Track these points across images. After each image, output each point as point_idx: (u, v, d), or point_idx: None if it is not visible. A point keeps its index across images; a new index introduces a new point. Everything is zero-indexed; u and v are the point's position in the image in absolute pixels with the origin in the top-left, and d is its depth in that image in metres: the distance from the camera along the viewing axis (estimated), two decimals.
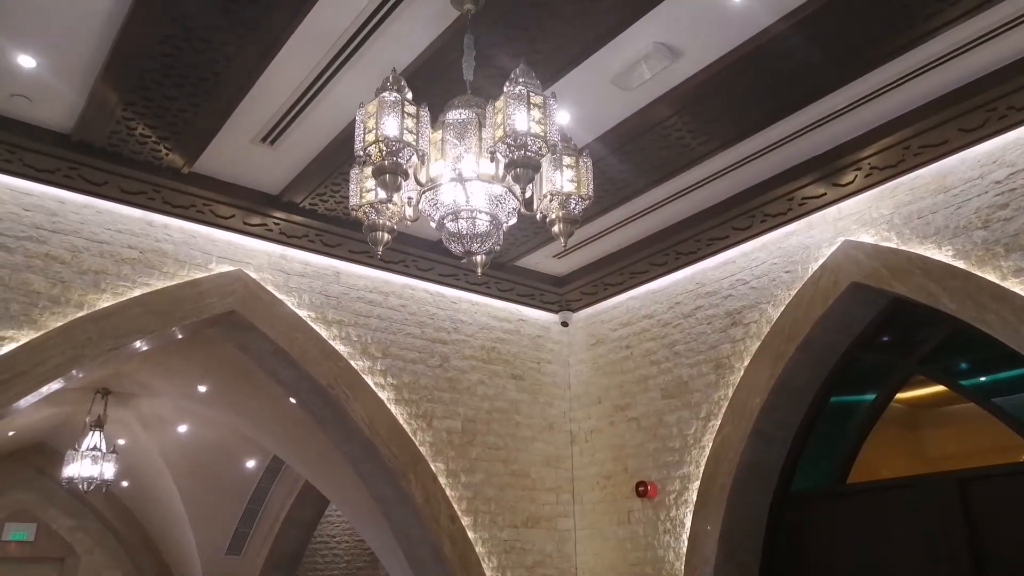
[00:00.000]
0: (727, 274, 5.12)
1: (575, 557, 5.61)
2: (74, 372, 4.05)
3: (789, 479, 4.92)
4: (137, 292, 4.35)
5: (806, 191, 4.65)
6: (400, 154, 2.47)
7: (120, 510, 10.29)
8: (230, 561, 9.35)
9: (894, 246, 4.25)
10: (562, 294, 6.10)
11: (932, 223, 4.13)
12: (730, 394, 4.88)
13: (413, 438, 5.09)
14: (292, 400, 5.71)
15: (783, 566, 4.82)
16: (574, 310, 6.14)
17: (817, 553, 4.69)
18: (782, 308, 4.72)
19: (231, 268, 4.71)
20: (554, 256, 5.73)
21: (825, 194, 4.59)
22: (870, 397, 4.76)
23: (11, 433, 8.32)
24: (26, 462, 9.69)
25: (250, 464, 8.85)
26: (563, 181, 2.73)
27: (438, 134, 2.67)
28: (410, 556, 5.26)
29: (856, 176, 4.43)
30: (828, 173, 4.52)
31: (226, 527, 9.24)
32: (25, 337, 3.94)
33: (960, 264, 3.96)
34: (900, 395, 4.71)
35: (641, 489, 5.18)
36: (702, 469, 4.90)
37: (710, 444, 4.90)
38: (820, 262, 4.57)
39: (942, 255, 4.04)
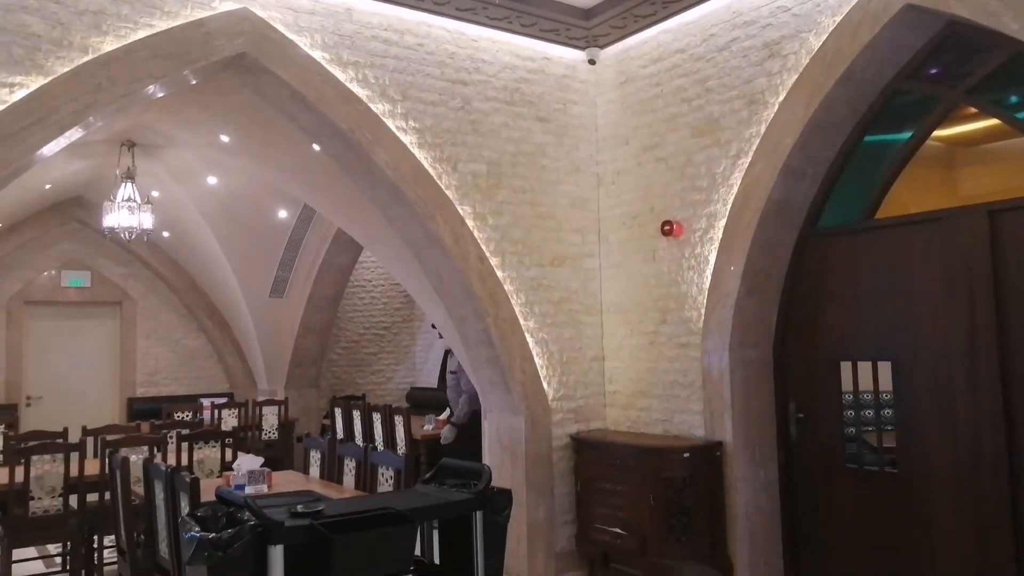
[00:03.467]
0: (767, 1, 4.73)
1: (600, 294, 5.82)
2: (91, 119, 3.99)
3: (817, 216, 4.90)
4: (141, 34, 4.14)
5: None
6: None
7: (165, 259, 10.79)
8: (274, 303, 9.93)
9: None
10: (589, 28, 5.72)
11: None
12: (762, 131, 4.72)
13: (438, 181, 5.08)
14: (315, 147, 5.66)
15: (804, 300, 4.96)
16: (602, 46, 5.79)
17: (839, 288, 4.79)
18: (824, 37, 4.41)
19: (236, 7, 4.43)
20: None
21: None
22: (906, 135, 4.57)
23: (48, 186, 8.50)
24: (68, 215, 10.03)
25: (282, 214, 9.05)
26: None
27: None
28: (442, 294, 5.50)
29: None
30: None
31: (266, 273, 9.69)
32: (34, 83, 3.83)
33: None
34: (938, 133, 4.51)
35: (667, 228, 5.22)
36: (729, 207, 4.89)
37: (738, 182, 4.84)
38: None
39: None
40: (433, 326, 7.31)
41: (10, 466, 5.10)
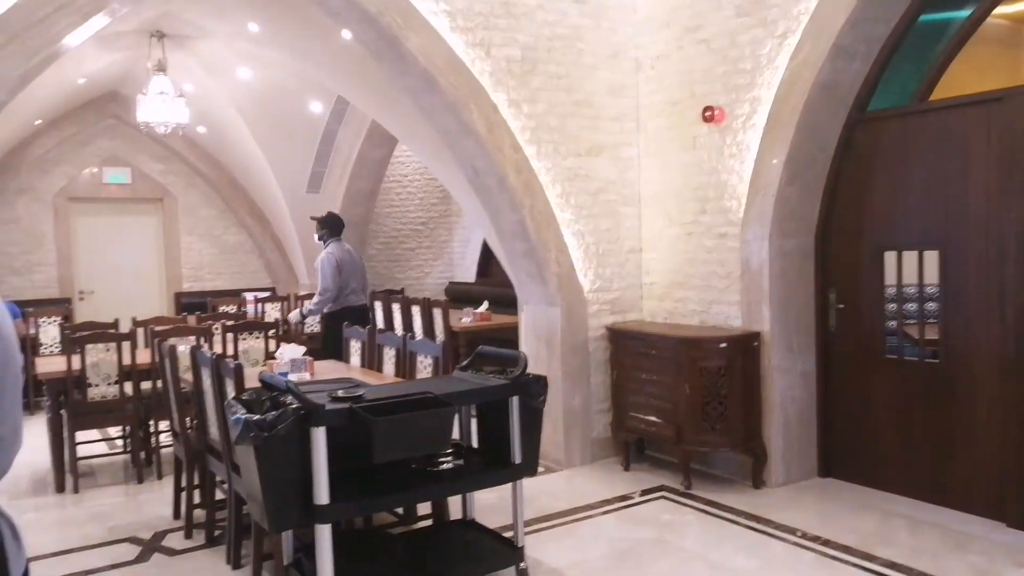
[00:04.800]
0: None
1: (638, 184, 5.71)
2: (115, 5, 3.90)
3: (866, 99, 4.67)
4: None
5: None
6: None
7: (203, 155, 10.82)
8: (311, 198, 9.96)
9: None
10: None
11: None
12: (812, 7, 4.44)
13: (471, 68, 4.94)
14: (346, 34, 5.52)
15: (849, 188, 4.80)
16: None
17: (887, 174, 4.61)
18: None
19: None
20: None
21: None
22: (966, 12, 4.27)
23: (81, 80, 8.47)
24: (104, 111, 10.04)
25: (316, 108, 8.94)
26: None
27: None
28: (477, 186, 5.44)
29: None
30: None
31: (302, 167, 9.68)
32: None
33: None
34: (1002, 9, 4.21)
35: (708, 114, 5.04)
36: (774, 91, 4.68)
37: (784, 64, 4.61)
38: None
39: None
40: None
41: (67, 355, 5.31)
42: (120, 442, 6.37)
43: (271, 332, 6.14)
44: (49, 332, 7.42)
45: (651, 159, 5.61)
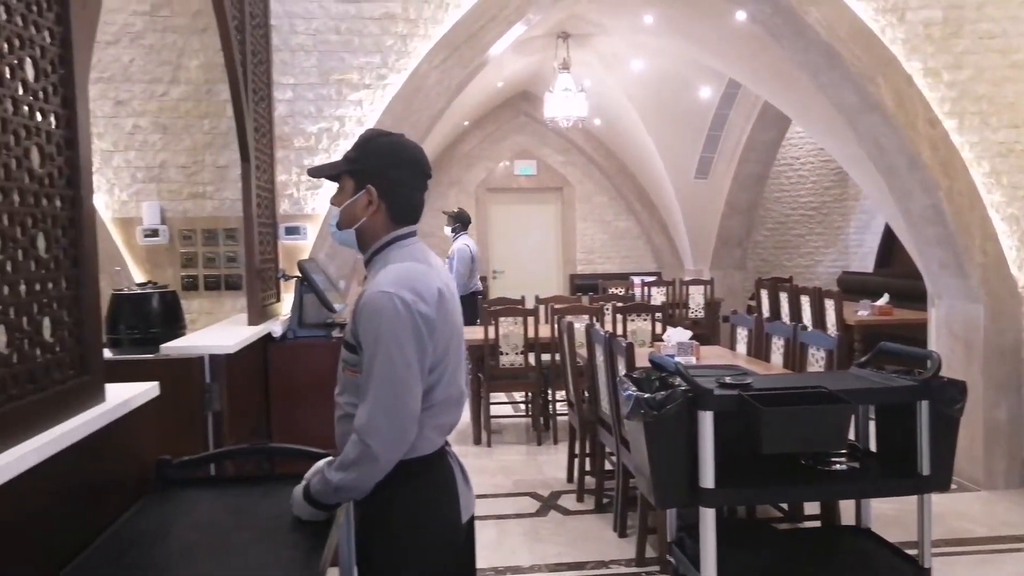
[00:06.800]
0: None
1: None
2: (530, 16, 4.33)
3: None
4: None
5: None
6: None
7: (598, 145, 11.51)
8: (698, 184, 9.98)
9: None
10: None
11: None
12: None
13: (881, 36, 4.50)
14: (740, 15, 5.41)
15: None
16: None
17: None
18: None
19: None
20: None
21: None
22: None
23: (500, 84, 9.58)
24: (517, 109, 11.24)
25: (705, 93, 8.91)
26: None
27: None
28: (882, 166, 4.96)
29: None
30: None
31: (691, 153, 9.74)
32: None
33: None
34: None
35: None
36: None
37: None
38: None
39: None
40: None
41: (484, 326, 6.10)
42: (523, 406, 7.13)
43: (657, 315, 6.33)
44: None
45: None
